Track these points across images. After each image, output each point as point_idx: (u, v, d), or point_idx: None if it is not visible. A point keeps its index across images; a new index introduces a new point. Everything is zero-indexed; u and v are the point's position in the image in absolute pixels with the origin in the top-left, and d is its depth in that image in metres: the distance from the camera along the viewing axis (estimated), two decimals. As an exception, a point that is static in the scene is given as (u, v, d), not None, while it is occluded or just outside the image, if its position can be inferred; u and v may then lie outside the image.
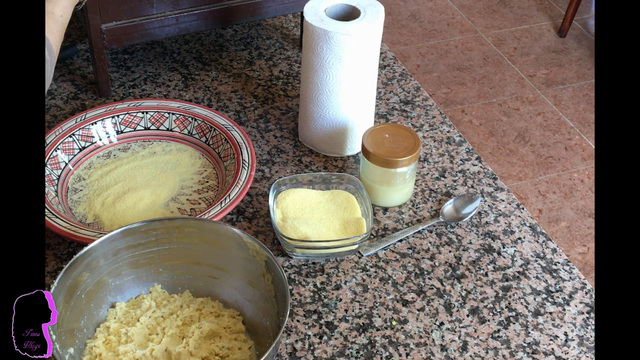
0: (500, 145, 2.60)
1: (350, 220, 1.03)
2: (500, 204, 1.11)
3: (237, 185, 1.05)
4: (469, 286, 0.99)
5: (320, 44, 1.07)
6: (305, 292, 0.97)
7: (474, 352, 0.91)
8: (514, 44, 3.08)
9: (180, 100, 1.20)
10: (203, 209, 1.06)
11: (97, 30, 1.18)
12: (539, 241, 1.06)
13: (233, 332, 0.89)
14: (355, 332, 0.93)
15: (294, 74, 1.34)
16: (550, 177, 2.49)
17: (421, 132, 1.23)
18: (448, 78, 2.88)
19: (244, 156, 1.10)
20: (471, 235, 1.06)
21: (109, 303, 0.91)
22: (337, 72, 1.09)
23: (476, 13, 3.25)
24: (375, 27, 1.07)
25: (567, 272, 1.02)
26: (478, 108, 2.75)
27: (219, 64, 1.35)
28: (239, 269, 0.91)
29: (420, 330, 0.93)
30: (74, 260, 0.84)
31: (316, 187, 1.08)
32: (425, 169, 1.16)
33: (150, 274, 0.93)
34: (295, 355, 0.90)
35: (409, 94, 1.31)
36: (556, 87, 2.87)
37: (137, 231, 0.89)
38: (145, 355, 0.85)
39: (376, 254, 1.02)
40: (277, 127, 1.23)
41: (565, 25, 3.09)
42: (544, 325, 0.95)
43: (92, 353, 0.86)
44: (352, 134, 1.16)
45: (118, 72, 1.32)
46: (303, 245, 0.99)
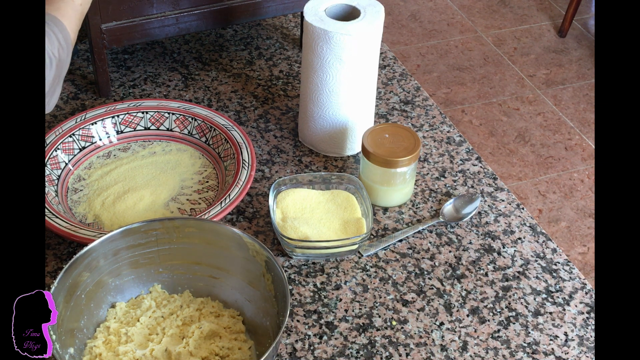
0: (500, 145, 2.60)
1: (350, 220, 1.03)
2: (500, 204, 1.11)
3: (237, 185, 1.05)
4: (469, 286, 0.99)
5: (320, 44, 1.07)
6: (305, 292, 0.97)
7: (474, 352, 0.91)
8: (514, 44, 3.08)
9: (180, 100, 1.20)
10: (203, 209, 1.06)
11: (97, 30, 1.18)
12: (539, 241, 1.06)
13: (233, 332, 0.89)
14: (355, 332, 0.93)
15: (294, 74, 1.34)
16: (550, 177, 2.49)
17: (421, 132, 1.23)
18: (448, 78, 2.88)
19: (244, 156, 1.10)
20: (471, 235, 1.06)
21: (109, 303, 0.91)
22: (337, 72, 1.09)
23: (476, 13, 3.26)
24: (375, 27, 1.07)
25: (567, 272, 1.02)
26: (478, 108, 2.75)
27: (219, 64, 1.35)
28: (239, 269, 0.91)
29: (420, 330, 0.93)
30: (74, 260, 0.84)
31: (316, 187, 1.08)
32: (425, 169, 1.16)
33: (150, 274, 0.93)
34: (295, 355, 0.90)
35: (409, 94, 1.31)
36: (556, 87, 2.87)
37: (137, 231, 0.89)
38: (145, 355, 0.85)
39: (376, 254, 1.02)
40: (277, 127, 1.23)
41: (566, 25, 3.09)
42: (544, 325, 0.95)
43: (92, 353, 0.86)
44: (352, 134, 1.16)
45: (118, 72, 1.32)
46: (303, 245, 0.99)
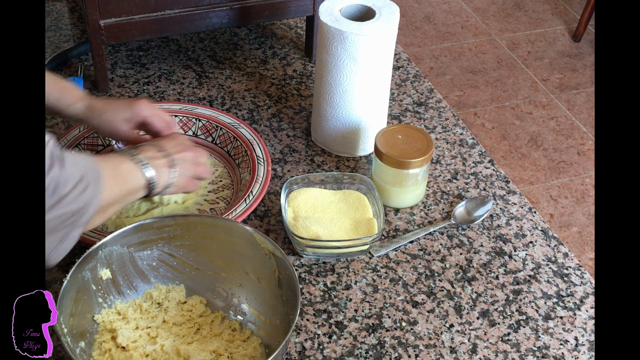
0: (513, 149, 2.59)
1: (362, 220, 1.03)
2: (512, 207, 1.11)
3: (257, 182, 1.05)
4: (479, 289, 0.99)
5: (335, 44, 1.07)
6: (316, 291, 0.97)
7: (483, 355, 0.91)
8: (528, 47, 3.07)
9: (181, 102, 1.20)
10: (222, 207, 1.06)
11: (95, 26, 1.18)
12: (550, 245, 1.05)
13: (242, 329, 0.90)
14: (365, 333, 0.93)
15: (307, 73, 1.34)
16: (562, 181, 2.48)
17: (434, 133, 1.23)
18: (461, 81, 2.87)
19: (257, 152, 1.10)
20: (482, 238, 1.06)
21: (120, 298, 0.91)
22: (351, 73, 1.09)
23: (490, 16, 3.25)
24: (390, 28, 1.07)
25: (579, 277, 1.01)
26: (491, 111, 2.74)
27: (233, 63, 1.36)
28: (250, 266, 0.91)
29: (429, 332, 0.93)
30: (86, 255, 0.84)
31: (328, 186, 1.08)
32: (437, 171, 1.16)
33: (161, 270, 0.93)
34: (305, 354, 0.90)
35: (422, 96, 1.31)
36: (570, 91, 2.85)
37: (149, 227, 0.90)
38: (156, 351, 0.85)
39: (387, 255, 1.02)
40: (289, 126, 1.23)
41: (580, 30, 3.08)
42: (554, 329, 0.95)
43: (102, 348, 0.86)
44: (364, 135, 1.16)
45: (133, 68, 1.33)
46: (314, 244, 0.99)
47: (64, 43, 1.38)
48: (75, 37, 1.40)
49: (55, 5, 1.49)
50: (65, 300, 0.81)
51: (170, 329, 0.88)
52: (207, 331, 0.89)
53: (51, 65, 1.31)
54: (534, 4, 3.33)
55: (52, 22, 1.44)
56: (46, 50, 1.35)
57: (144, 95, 1.24)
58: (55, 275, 0.95)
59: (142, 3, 1.19)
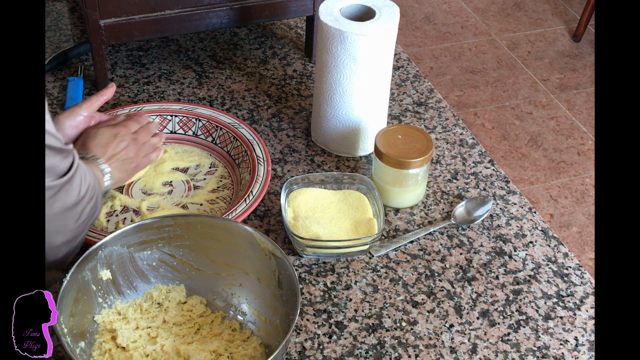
0: (513, 149, 2.59)
1: (362, 220, 1.03)
2: (512, 207, 1.11)
3: (257, 182, 1.05)
4: (479, 289, 0.99)
5: (335, 44, 1.07)
6: (316, 291, 0.97)
7: (483, 355, 0.91)
8: (528, 47, 3.07)
9: (181, 102, 1.20)
10: (222, 207, 1.06)
11: (95, 26, 1.18)
12: (550, 245, 1.06)
13: (242, 329, 0.90)
14: (365, 333, 0.93)
15: (307, 73, 1.34)
16: (562, 181, 2.48)
17: (434, 133, 1.23)
18: (461, 81, 2.87)
19: (257, 152, 1.10)
20: (482, 238, 1.06)
21: (120, 298, 0.91)
22: (351, 73, 1.09)
23: (490, 16, 3.25)
24: (390, 28, 1.07)
25: (579, 277, 1.01)
26: (491, 111, 2.74)
27: (233, 63, 1.36)
28: (250, 266, 0.91)
29: (429, 332, 0.93)
30: (86, 255, 0.84)
31: (328, 186, 1.08)
32: (437, 171, 1.16)
33: (162, 270, 0.93)
34: (305, 354, 0.90)
35: (422, 96, 1.31)
36: (570, 91, 2.86)
37: (149, 227, 0.90)
38: (156, 351, 0.85)
39: (387, 255, 1.02)
40: (289, 126, 1.23)
41: (580, 30, 3.08)
42: (554, 329, 0.95)
43: (102, 348, 0.86)
44: (364, 135, 1.16)
45: (133, 68, 1.33)
46: (314, 244, 0.99)
47: (64, 43, 1.38)
48: (75, 37, 1.40)
49: (55, 5, 1.49)
50: (65, 300, 0.81)
51: (171, 329, 0.88)
52: (207, 331, 0.89)
53: (51, 65, 1.31)
54: (534, 4, 3.33)
55: (52, 22, 1.44)
56: (46, 50, 1.35)
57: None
58: (55, 275, 0.95)
59: (142, 3, 1.19)
